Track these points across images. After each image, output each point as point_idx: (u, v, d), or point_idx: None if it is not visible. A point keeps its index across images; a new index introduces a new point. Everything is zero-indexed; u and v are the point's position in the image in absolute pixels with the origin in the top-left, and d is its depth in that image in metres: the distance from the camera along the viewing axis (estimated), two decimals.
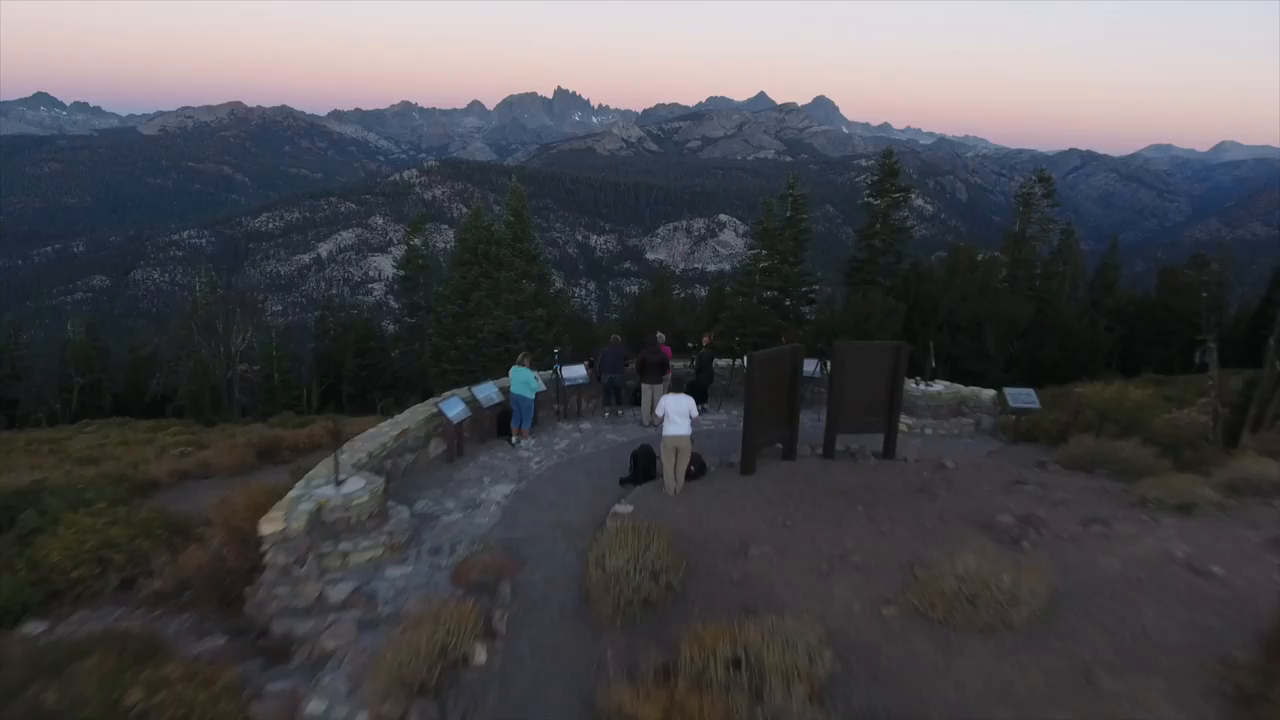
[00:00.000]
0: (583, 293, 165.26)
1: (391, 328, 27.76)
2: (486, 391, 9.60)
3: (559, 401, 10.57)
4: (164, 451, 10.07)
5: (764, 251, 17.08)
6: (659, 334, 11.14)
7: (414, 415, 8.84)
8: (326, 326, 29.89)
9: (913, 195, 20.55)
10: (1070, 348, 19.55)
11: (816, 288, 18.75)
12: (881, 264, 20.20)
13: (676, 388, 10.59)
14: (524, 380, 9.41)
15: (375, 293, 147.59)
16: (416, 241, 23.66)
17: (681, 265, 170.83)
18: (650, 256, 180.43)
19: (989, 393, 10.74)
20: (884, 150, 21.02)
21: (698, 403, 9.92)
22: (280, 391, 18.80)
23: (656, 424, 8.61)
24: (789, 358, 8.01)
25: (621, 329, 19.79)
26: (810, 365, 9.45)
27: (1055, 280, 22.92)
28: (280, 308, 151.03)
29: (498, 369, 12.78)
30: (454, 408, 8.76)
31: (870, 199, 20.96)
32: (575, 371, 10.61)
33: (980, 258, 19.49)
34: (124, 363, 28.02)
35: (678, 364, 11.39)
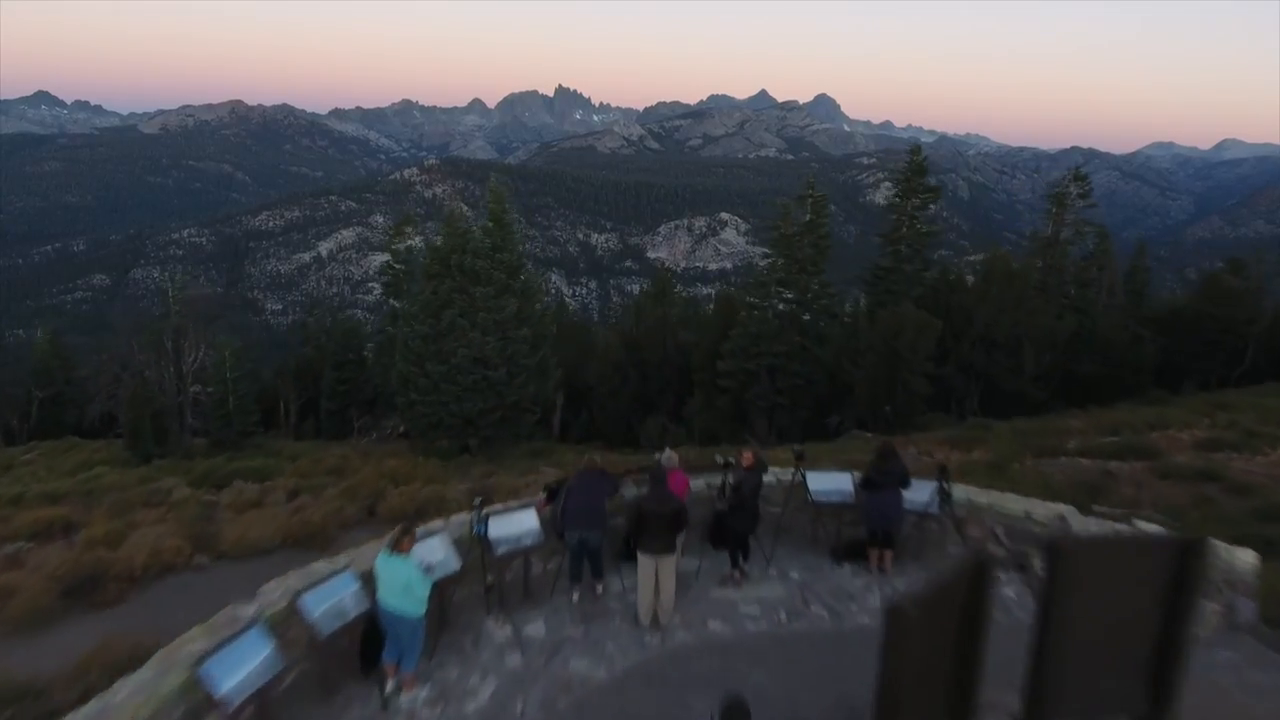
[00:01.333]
0: (584, 291, 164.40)
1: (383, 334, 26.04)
2: (330, 598, 4.67)
3: (489, 570, 5.57)
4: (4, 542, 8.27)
5: (780, 260, 15.01)
6: (667, 453, 6.62)
7: (153, 691, 3.91)
8: (309, 333, 28.24)
9: (939, 196, 18.50)
10: (1112, 363, 17.81)
11: (836, 299, 16.71)
12: (907, 272, 18.37)
13: (722, 534, 6.24)
14: (403, 583, 4.61)
15: (375, 292, 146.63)
16: (400, 246, 21.93)
17: (683, 264, 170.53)
18: (651, 255, 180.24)
19: (1246, 558, 5.57)
20: (911, 147, 19.06)
21: (735, 559, 6.14)
22: (236, 417, 17.11)
23: (664, 625, 5.30)
24: (969, 588, 3.45)
25: (621, 342, 17.92)
26: (924, 493, 6.14)
27: (1091, 288, 21.16)
28: (280, 306, 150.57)
29: (473, 400, 10.98)
30: (242, 664, 4.01)
31: (895, 199, 19.12)
32: (517, 526, 5.76)
33: (1015, 266, 17.70)
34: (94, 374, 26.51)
35: (699, 484, 6.90)
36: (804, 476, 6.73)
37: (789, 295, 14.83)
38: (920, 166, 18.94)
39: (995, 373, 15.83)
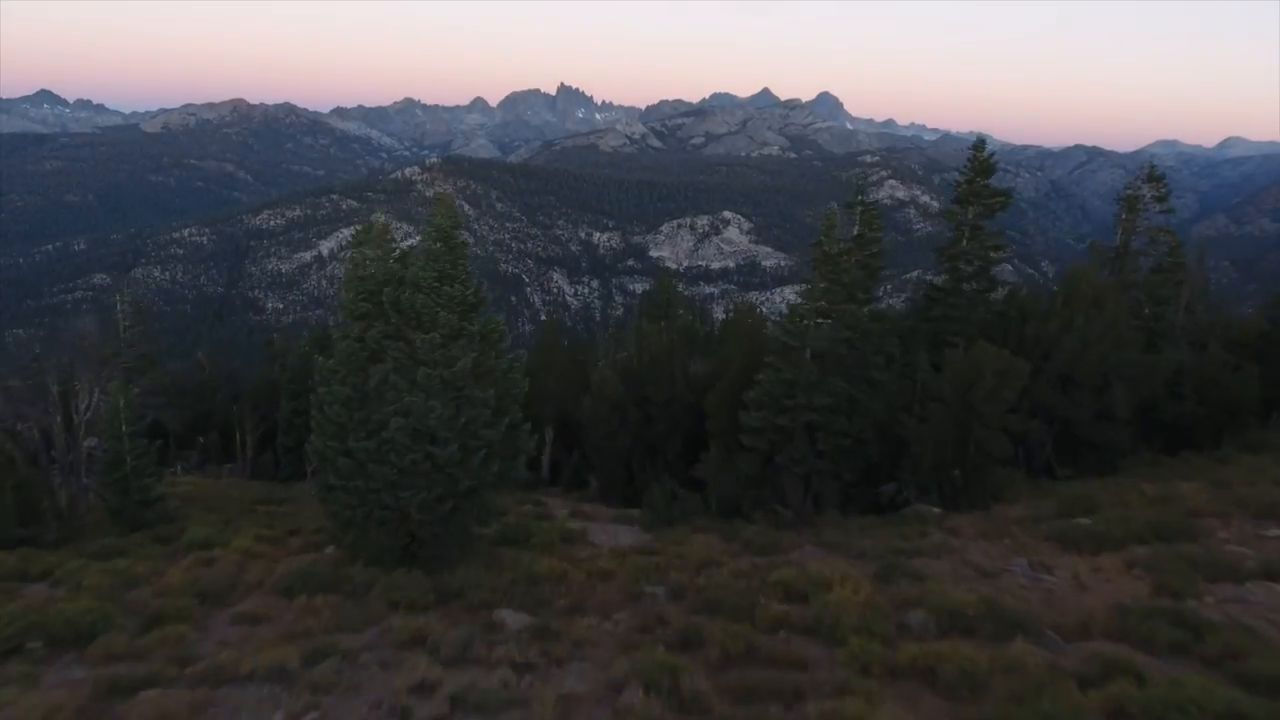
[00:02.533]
0: (586, 291, 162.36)
1: None
2: None
3: None
4: None
5: (821, 284, 11.42)
6: None
7: None
8: (276, 351, 25.41)
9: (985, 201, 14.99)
10: (1212, 402, 14.67)
11: (892, 334, 12.89)
12: (967, 293, 14.65)
13: None
14: None
15: None
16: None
17: (686, 263, 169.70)
18: (654, 254, 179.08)
19: None
20: (975, 141, 15.54)
21: None
22: (134, 480, 11.78)
23: None
24: None
25: (619, 375, 14.63)
26: None
27: (1169, 305, 17.98)
28: (281, 306, 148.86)
29: (413, 486, 7.60)
30: None
31: (952, 206, 15.80)
32: None
33: (1098, 284, 14.29)
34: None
35: None
36: None
37: (833, 330, 11.33)
38: (985, 165, 15.43)
39: (1075, 418, 12.80)
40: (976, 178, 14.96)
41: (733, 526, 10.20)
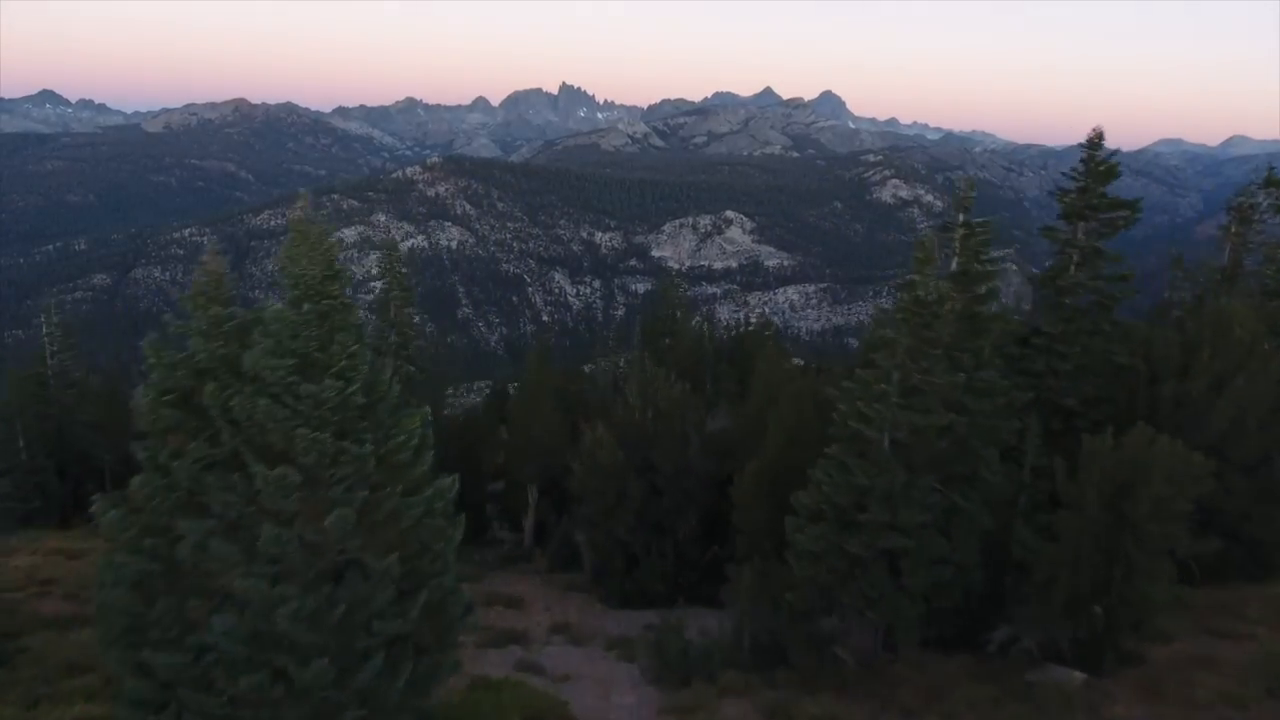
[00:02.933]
0: (588, 291, 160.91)
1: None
2: None
3: None
4: None
5: (906, 343, 7.33)
6: None
7: None
8: None
9: (1118, 214, 10.80)
10: None
11: (1010, 410, 8.58)
12: (1071, 333, 10.60)
13: None
14: None
15: (377, 290, 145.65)
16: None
17: (688, 263, 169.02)
18: (656, 254, 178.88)
19: None
20: (1090, 135, 11.51)
21: None
22: None
23: None
24: None
25: (616, 438, 10.96)
26: None
27: None
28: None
29: None
30: None
31: (1059, 222, 11.66)
32: None
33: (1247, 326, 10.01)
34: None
35: None
36: None
37: (925, 412, 7.11)
38: (1105, 170, 11.16)
39: (1218, 503, 9.44)
40: (1092, 184, 11.15)
41: (776, 695, 7.04)
